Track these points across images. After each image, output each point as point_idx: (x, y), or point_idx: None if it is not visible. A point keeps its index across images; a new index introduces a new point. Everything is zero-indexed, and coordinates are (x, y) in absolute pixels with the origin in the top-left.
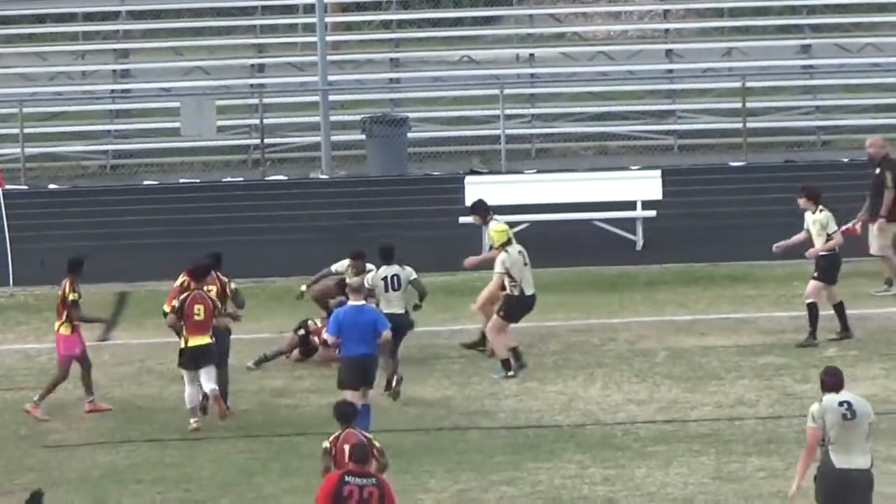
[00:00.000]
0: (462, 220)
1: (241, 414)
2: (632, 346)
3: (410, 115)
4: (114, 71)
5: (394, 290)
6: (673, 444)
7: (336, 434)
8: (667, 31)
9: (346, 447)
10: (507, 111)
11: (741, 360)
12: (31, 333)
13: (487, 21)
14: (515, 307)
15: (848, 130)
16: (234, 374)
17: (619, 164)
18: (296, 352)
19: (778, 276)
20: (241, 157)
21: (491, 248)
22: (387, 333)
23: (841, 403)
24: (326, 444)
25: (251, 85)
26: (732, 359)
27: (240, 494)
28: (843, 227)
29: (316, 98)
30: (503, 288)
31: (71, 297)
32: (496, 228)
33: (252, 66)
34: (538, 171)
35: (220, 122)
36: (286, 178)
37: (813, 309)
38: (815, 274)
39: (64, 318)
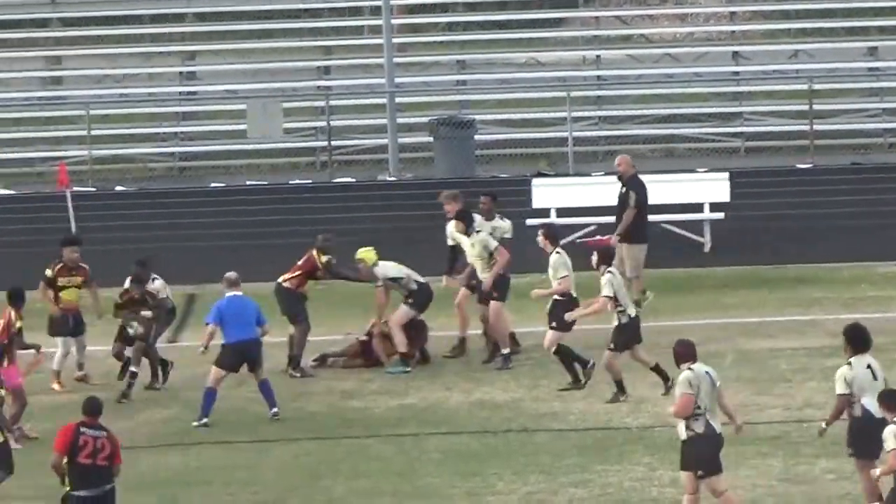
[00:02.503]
0: (529, 222)
1: (310, 416)
2: (700, 349)
3: (477, 117)
4: (180, 73)
5: None
6: (741, 446)
7: None
8: (733, 32)
9: None
10: (574, 113)
11: (809, 361)
12: (97, 335)
13: (554, 23)
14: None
15: None
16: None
17: (686, 167)
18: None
19: (845, 279)
20: (308, 159)
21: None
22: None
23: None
24: None
25: (318, 87)
26: (800, 361)
27: (308, 496)
28: None
29: (383, 100)
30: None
31: (18, 325)
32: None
33: (319, 68)
34: (605, 174)
35: (286, 125)
36: (353, 180)
37: None
38: None
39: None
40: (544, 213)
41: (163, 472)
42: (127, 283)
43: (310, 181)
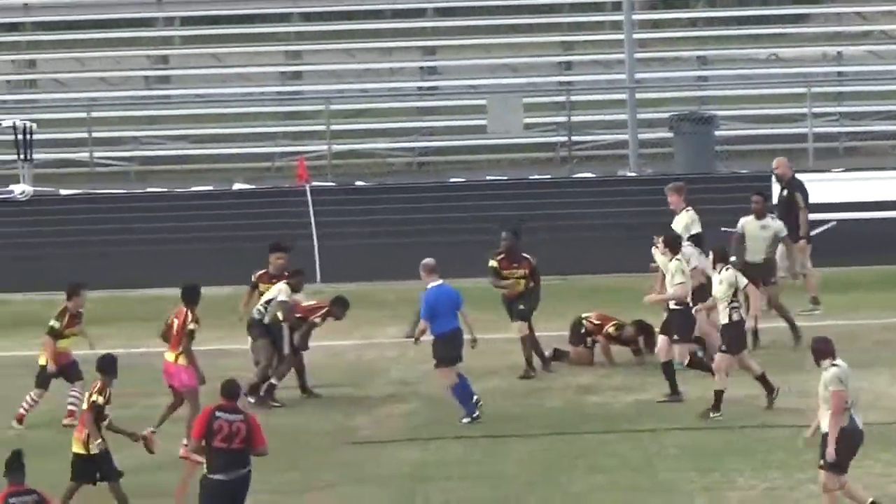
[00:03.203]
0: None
1: (548, 411)
2: None
3: (717, 112)
4: (421, 68)
5: None
6: None
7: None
8: None
9: None
10: (815, 109)
11: None
12: (338, 330)
13: (795, 19)
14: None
15: None
16: (541, 372)
17: None
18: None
19: None
20: (547, 154)
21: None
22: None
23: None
24: None
25: (559, 83)
26: None
27: (546, 492)
28: None
29: (623, 96)
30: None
31: (191, 326)
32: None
33: (559, 63)
34: (846, 170)
35: (526, 120)
36: (593, 175)
37: None
38: None
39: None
40: None
41: (402, 467)
42: None
43: (549, 176)
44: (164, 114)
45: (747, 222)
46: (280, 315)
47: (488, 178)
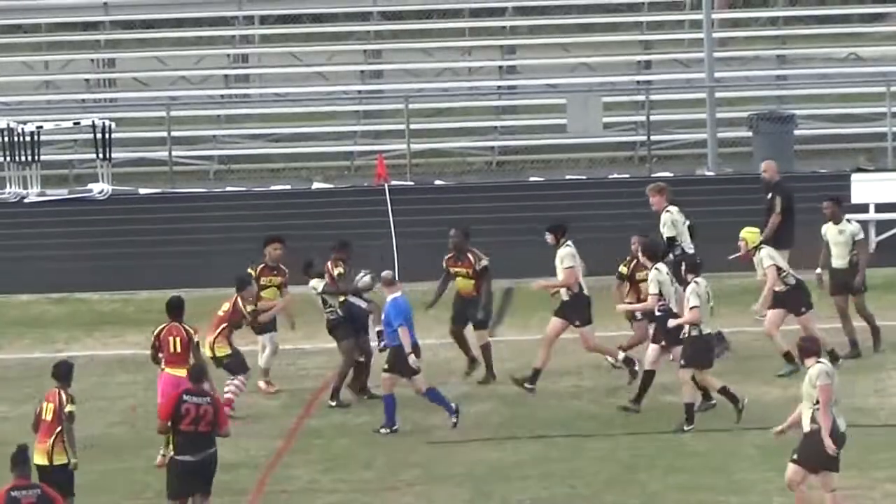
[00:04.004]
0: (848, 217)
1: (626, 411)
2: None
3: (796, 112)
4: (500, 67)
5: None
6: None
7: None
8: None
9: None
10: (894, 108)
11: None
12: (416, 328)
13: (874, 18)
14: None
15: None
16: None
17: None
18: None
19: None
20: (626, 153)
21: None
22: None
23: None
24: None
25: (637, 82)
26: None
27: (624, 491)
28: None
29: (702, 95)
30: None
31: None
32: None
33: (638, 62)
34: None
35: (605, 119)
36: (672, 174)
37: None
38: None
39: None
40: (863, 208)
41: (479, 467)
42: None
43: (628, 175)
44: (244, 113)
45: (827, 228)
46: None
47: (567, 177)
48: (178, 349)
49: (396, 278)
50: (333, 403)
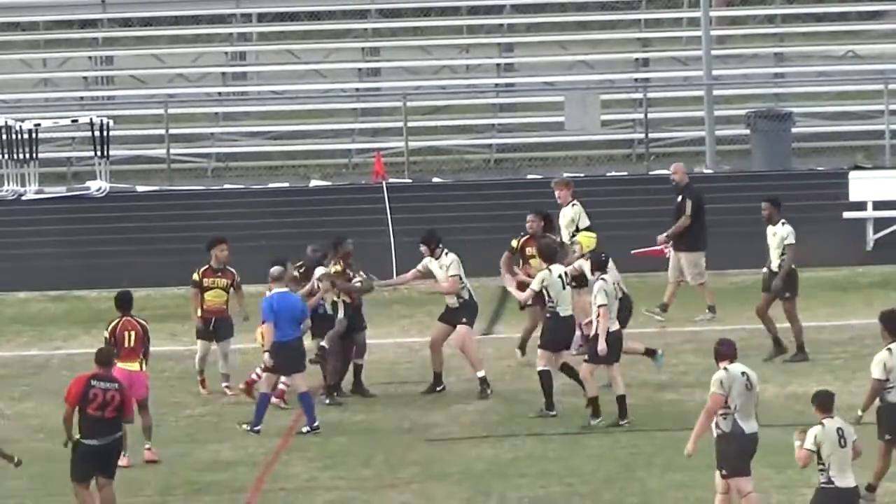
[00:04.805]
0: (846, 215)
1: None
2: None
3: (794, 109)
4: (497, 65)
5: None
6: None
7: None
8: None
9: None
10: (892, 106)
11: None
12: (414, 327)
13: (872, 16)
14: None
15: None
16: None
17: None
18: None
19: None
20: (624, 151)
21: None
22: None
23: (742, 374)
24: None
25: (635, 79)
26: None
27: (622, 489)
28: None
29: (700, 92)
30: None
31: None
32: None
33: (636, 60)
34: None
35: (603, 117)
36: (670, 172)
37: None
38: None
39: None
40: (861, 206)
41: (477, 464)
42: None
43: (625, 173)
44: (241, 110)
45: (767, 229)
46: (326, 285)
47: (565, 174)
48: (133, 343)
49: (285, 273)
50: (328, 401)
